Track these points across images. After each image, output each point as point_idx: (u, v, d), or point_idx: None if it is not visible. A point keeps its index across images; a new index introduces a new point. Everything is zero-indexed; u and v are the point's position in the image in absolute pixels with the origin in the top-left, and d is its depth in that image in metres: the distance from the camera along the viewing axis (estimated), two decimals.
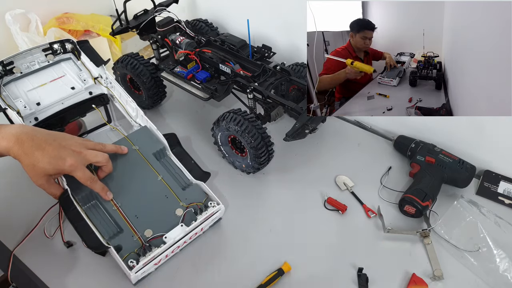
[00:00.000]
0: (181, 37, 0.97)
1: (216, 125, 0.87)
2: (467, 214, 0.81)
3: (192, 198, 0.77)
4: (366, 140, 1.00)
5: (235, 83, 0.90)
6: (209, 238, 0.79)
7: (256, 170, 0.89)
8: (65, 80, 0.91)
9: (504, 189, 0.86)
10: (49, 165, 0.68)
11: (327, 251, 0.77)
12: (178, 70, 0.96)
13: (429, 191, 0.81)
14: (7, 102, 0.82)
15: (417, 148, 0.90)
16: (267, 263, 0.75)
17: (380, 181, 0.90)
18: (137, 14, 1.02)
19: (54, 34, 1.46)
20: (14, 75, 0.88)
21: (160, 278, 0.73)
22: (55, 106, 0.86)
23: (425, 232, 0.78)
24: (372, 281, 0.72)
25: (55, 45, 0.92)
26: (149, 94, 1.01)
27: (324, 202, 0.85)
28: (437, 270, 0.73)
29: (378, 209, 0.82)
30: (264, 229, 0.81)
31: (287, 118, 1.02)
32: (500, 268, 0.73)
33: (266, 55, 0.97)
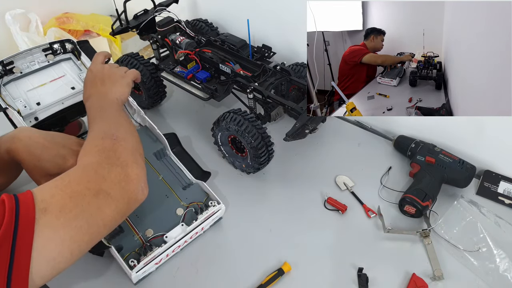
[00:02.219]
0: (181, 37, 0.97)
1: (216, 125, 0.87)
2: (467, 214, 0.81)
3: (193, 197, 0.78)
4: (366, 140, 1.00)
5: (235, 83, 0.90)
6: (209, 237, 0.79)
7: (256, 170, 0.89)
8: (65, 80, 0.91)
9: (504, 189, 0.86)
10: (50, 165, 0.68)
11: (327, 251, 0.77)
12: (178, 70, 0.96)
13: (429, 191, 0.81)
14: (7, 102, 0.82)
15: (417, 148, 0.90)
16: (267, 263, 0.75)
17: (380, 181, 0.90)
18: (137, 14, 1.02)
19: (54, 34, 1.46)
20: (14, 75, 0.88)
21: (160, 278, 0.73)
22: (55, 106, 0.86)
23: (425, 232, 0.78)
24: (372, 281, 0.72)
25: (55, 45, 0.92)
26: (149, 94, 1.01)
27: (324, 202, 0.85)
28: (437, 270, 0.73)
29: (378, 209, 0.82)
30: (264, 229, 0.81)
31: (287, 118, 1.02)
32: (500, 268, 0.73)
33: (266, 55, 0.97)
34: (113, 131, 0.64)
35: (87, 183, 0.54)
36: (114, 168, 0.58)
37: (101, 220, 0.54)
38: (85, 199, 0.52)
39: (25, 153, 0.67)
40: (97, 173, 0.56)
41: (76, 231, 0.50)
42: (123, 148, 0.62)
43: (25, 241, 0.45)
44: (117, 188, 0.56)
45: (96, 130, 0.65)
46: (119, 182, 0.57)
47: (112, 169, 0.57)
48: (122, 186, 0.57)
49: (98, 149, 0.60)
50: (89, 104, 0.73)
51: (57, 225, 0.48)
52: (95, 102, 0.72)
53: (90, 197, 0.53)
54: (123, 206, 0.57)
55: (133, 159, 0.62)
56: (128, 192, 0.58)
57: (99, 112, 0.69)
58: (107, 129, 0.65)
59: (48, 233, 0.47)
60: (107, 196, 0.55)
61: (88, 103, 0.73)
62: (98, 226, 0.54)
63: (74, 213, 0.50)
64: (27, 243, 0.45)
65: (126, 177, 0.58)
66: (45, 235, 0.47)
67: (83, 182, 0.54)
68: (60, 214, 0.49)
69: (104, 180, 0.56)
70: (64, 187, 0.52)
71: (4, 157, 0.68)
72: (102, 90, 0.74)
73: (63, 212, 0.49)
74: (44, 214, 0.48)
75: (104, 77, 0.76)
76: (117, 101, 0.73)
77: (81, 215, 0.51)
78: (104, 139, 0.62)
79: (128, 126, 0.68)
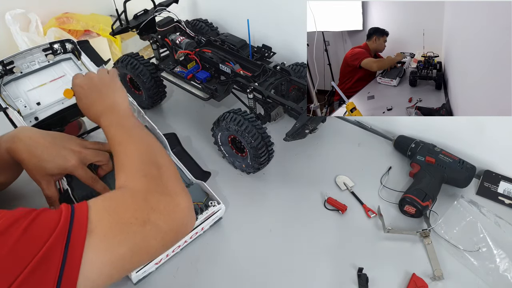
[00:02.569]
0: (181, 37, 0.97)
1: (216, 125, 0.87)
2: (467, 214, 0.81)
3: (193, 197, 0.77)
4: (366, 140, 1.00)
5: (235, 83, 0.90)
6: (209, 237, 0.79)
7: (256, 170, 0.89)
8: (65, 80, 0.91)
9: (504, 189, 0.86)
10: (51, 165, 0.68)
11: (327, 251, 0.77)
12: (178, 70, 0.96)
13: (429, 191, 0.81)
14: (7, 102, 0.82)
15: (417, 148, 0.90)
16: (267, 263, 0.75)
17: (380, 181, 0.90)
18: (137, 14, 1.02)
19: (54, 34, 1.46)
20: (14, 74, 0.88)
21: (160, 278, 0.73)
22: (55, 105, 0.86)
23: (425, 232, 0.78)
24: (372, 281, 0.72)
25: (55, 45, 0.92)
26: (149, 94, 1.01)
27: (324, 202, 0.85)
28: (437, 270, 0.73)
29: (378, 209, 0.82)
30: (264, 229, 0.81)
31: (287, 118, 1.02)
32: (500, 268, 0.73)
33: (266, 55, 0.97)
34: (152, 156, 0.62)
35: (134, 212, 0.52)
36: (163, 197, 0.56)
37: (145, 250, 0.52)
38: (132, 227, 0.51)
39: (26, 153, 0.67)
40: (146, 202, 0.54)
41: (118, 258, 0.49)
42: (168, 175, 0.60)
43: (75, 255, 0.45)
44: (166, 219, 0.54)
45: (132, 153, 0.62)
46: (169, 213, 0.55)
47: (162, 199, 0.55)
48: (171, 217, 0.55)
49: (144, 175, 0.58)
50: (107, 124, 0.69)
51: (100, 248, 0.47)
52: (112, 120, 0.69)
53: (137, 227, 0.51)
54: (170, 238, 0.56)
55: (181, 187, 0.60)
56: (177, 223, 0.56)
57: (125, 132, 0.66)
58: (144, 152, 0.63)
59: (91, 254, 0.46)
60: (155, 227, 0.53)
61: (105, 123, 0.69)
62: (141, 255, 0.52)
63: (118, 239, 0.49)
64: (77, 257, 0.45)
65: (175, 208, 0.56)
66: (88, 255, 0.46)
67: (131, 210, 0.52)
68: (105, 238, 0.48)
69: (153, 210, 0.53)
70: (112, 211, 0.51)
71: (4, 157, 0.68)
72: (108, 103, 0.71)
73: (107, 237, 0.48)
74: (89, 235, 0.47)
75: (98, 89, 0.73)
76: (129, 110, 0.72)
77: (125, 243, 0.50)
78: (146, 164, 0.60)
79: (161, 149, 0.66)
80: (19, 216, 0.45)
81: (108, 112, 0.70)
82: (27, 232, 0.44)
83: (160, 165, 0.61)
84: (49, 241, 0.44)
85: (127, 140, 0.65)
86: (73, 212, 0.47)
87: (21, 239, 0.43)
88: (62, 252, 0.44)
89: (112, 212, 0.51)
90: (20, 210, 0.46)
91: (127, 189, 0.57)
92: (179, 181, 0.62)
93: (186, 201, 0.58)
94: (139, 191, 0.56)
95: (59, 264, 0.43)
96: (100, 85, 0.73)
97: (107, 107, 0.71)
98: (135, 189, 0.56)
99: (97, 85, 0.73)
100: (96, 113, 0.71)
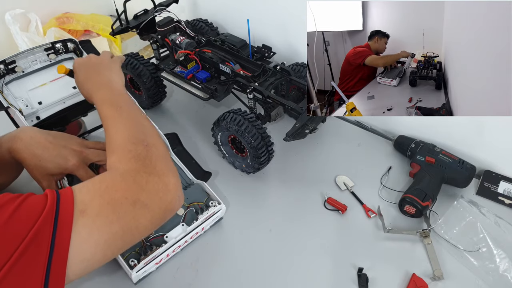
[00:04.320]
0: (181, 37, 0.97)
1: (216, 125, 0.87)
2: (467, 214, 0.81)
3: (193, 197, 0.78)
4: (366, 140, 1.00)
5: (235, 83, 0.90)
6: (209, 237, 0.79)
7: (256, 170, 0.89)
8: (67, 79, 0.90)
9: (504, 189, 0.86)
10: (52, 164, 0.68)
11: (327, 251, 0.78)
12: (178, 70, 0.96)
13: (429, 191, 0.81)
14: (9, 101, 0.83)
15: (417, 148, 0.90)
16: (267, 263, 0.75)
17: (380, 181, 0.90)
18: (137, 14, 1.02)
19: (54, 34, 1.46)
20: (16, 74, 0.88)
21: (161, 278, 0.73)
22: (57, 105, 0.87)
23: (425, 232, 0.78)
24: (372, 281, 0.72)
25: (57, 44, 0.92)
26: (149, 94, 1.01)
27: (324, 202, 0.85)
28: (437, 270, 0.73)
29: (378, 209, 0.83)
30: (264, 229, 0.81)
31: (287, 118, 1.02)
32: (500, 268, 0.73)
33: (266, 55, 0.97)
34: (142, 135, 0.63)
35: (125, 192, 0.54)
36: (152, 177, 0.57)
37: (135, 228, 0.54)
38: (122, 207, 0.52)
39: (26, 152, 0.67)
40: (135, 182, 0.55)
41: (111, 236, 0.51)
42: (156, 155, 0.61)
43: (64, 235, 0.46)
44: (155, 199, 0.56)
45: (122, 132, 0.63)
46: (157, 193, 0.56)
47: (150, 179, 0.57)
48: (159, 196, 0.56)
49: (133, 156, 0.59)
50: (99, 100, 0.69)
51: (93, 228, 0.49)
52: (105, 97, 0.69)
53: (127, 206, 0.53)
54: (158, 216, 0.57)
55: (169, 167, 0.61)
56: (166, 203, 0.57)
57: (116, 110, 0.67)
58: (134, 132, 0.63)
59: (84, 234, 0.48)
60: (144, 206, 0.54)
61: (97, 99, 0.69)
62: (132, 234, 0.54)
63: (110, 219, 0.51)
64: (65, 238, 0.46)
65: (164, 187, 0.57)
66: (81, 235, 0.47)
67: (121, 190, 0.53)
68: (97, 218, 0.49)
69: (142, 190, 0.55)
70: (103, 192, 0.52)
71: (5, 156, 0.68)
72: (104, 81, 0.72)
73: (100, 216, 0.50)
74: (82, 216, 0.48)
75: (95, 66, 0.74)
76: (124, 89, 0.73)
77: (116, 222, 0.51)
78: (136, 145, 0.61)
79: (152, 128, 0.67)
80: (6, 201, 0.46)
81: (102, 89, 0.71)
82: (14, 216, 0.44)
83: (150, 144, 0.62)
84: (37, 223, 0.45)
85: (118, 118, 0.66)
86: (59, 195, 0.48)
87: (8, 223, 0.44)
88: (51, 233, 0.45)
89: (103, 193, 0.52)
90: (6, 195, 0.47)
91: (117, 170, 0.58)
92: (168, 161, 0.62)
93: (174, 181, 0.59)
94: (128, 171, 0.57)
95: (48, 245, 0.45)
96: (98, 63, 0.75)
97: (102, 83, 0.72)
98: (124, 169, 0.57)
99: (95, 63, 0.76)
100: (90, 89, 0.72)
